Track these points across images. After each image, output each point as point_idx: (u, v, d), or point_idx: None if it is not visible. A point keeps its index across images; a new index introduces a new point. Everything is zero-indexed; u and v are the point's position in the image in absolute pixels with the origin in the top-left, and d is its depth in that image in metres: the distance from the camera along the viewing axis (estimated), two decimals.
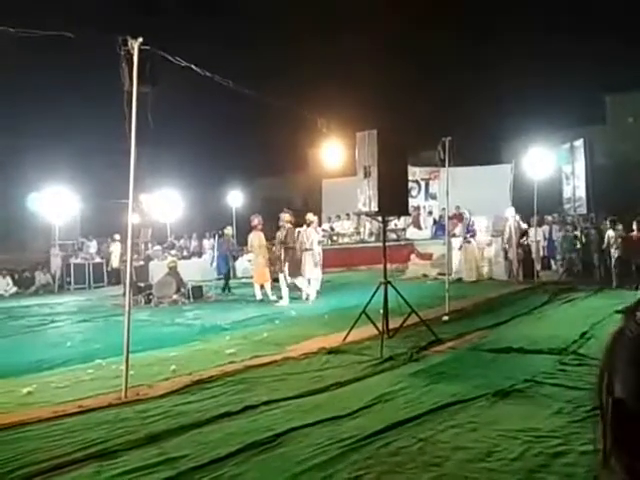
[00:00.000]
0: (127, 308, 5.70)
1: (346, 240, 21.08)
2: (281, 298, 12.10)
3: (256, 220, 13.05)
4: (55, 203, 18.59)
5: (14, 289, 18.56)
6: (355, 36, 31.05)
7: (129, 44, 5.63)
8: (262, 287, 12.75)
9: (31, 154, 24.50)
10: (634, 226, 13.47)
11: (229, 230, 16.32)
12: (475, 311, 10.08)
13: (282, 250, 12.45)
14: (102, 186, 21.93)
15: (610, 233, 13.22)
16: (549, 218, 17.50)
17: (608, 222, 13.50)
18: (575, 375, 5.56)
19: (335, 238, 21.28)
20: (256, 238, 12.81)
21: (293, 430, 4.25)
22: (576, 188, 13.90)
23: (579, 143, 14.01)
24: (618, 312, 8.76)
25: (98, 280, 19.69)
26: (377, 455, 3.78)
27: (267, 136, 30.67)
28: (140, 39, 5.66)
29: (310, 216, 13.07)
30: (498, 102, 29.47)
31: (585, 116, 26.91)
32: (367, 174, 7.62)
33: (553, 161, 15.33)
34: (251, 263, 14.11)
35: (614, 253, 13.02)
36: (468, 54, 32.43)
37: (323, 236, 18.41)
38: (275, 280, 12.73)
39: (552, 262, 16.96)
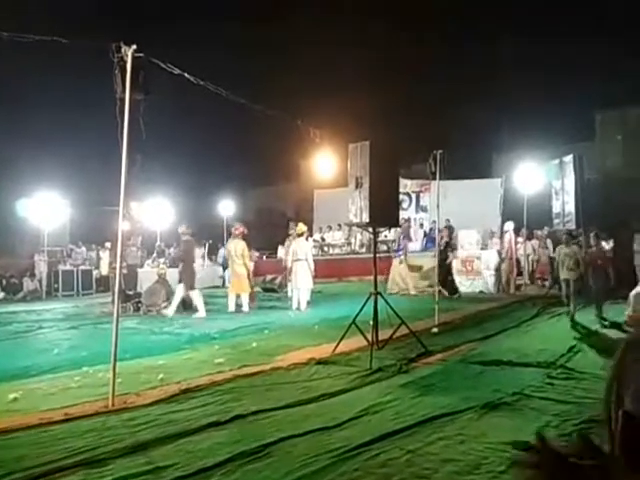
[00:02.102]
0: (115, 315, 5.66)
1: (337, 251, 21.15)
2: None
3: (240, 228, 12.89)
4: (45, 209, 18.50)
5: (1, 295, 18.45)
6: (349, 47, 31.36)
7: (122, 51, 5.64)
8: (238, 296, 12.60)
9: (22, 160, 24.42)
10: (591, 241, 11.29)
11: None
12: (464, 324, 10.12)
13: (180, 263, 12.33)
14: (92, 193, 21.91)
15: (564, 250, 10.73)
16: (538, 233, 17.67)
17: (564, 237, 11.10)
18: (563, 389, 5.59)
19: (326, 249, 21.32)
20: (239, 246, 12.66)
21: (282, 440, 4.23)
22: (565, 203, 13.99)
23: (568, 159, 14.12)
24: (597, 332, 8.77)
25: (86, 287, 19.60)
26: (365, 466, 3.77)
27: (259, 146, 30.82)
28: (134, 46, 5.66)
29: (301, 226, 13.08)
30: (490, 117, 29.81)
31: (575, 132, 27.28)
32: (359, 185, 7.65)
33: (543, 176, 15.50)
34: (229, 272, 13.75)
35: (563, 274, 10.67)
36: (461, 68, 32.78)
37: (314, 247, 18.48)
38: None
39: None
